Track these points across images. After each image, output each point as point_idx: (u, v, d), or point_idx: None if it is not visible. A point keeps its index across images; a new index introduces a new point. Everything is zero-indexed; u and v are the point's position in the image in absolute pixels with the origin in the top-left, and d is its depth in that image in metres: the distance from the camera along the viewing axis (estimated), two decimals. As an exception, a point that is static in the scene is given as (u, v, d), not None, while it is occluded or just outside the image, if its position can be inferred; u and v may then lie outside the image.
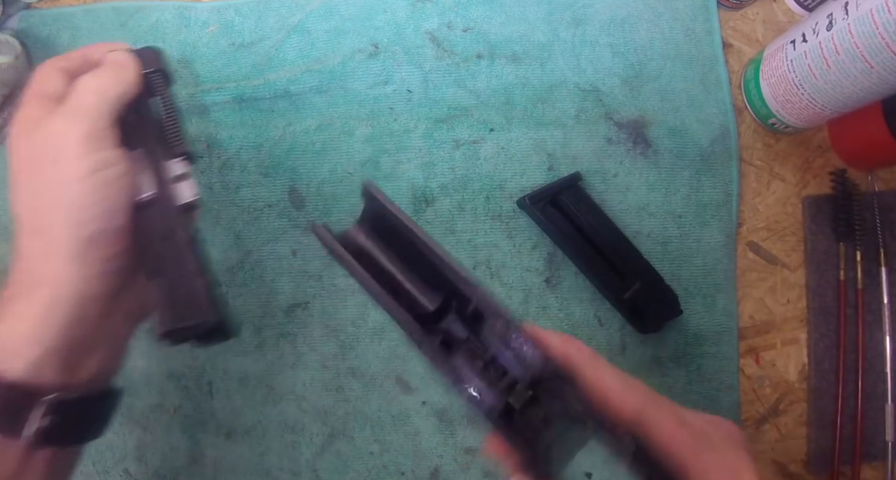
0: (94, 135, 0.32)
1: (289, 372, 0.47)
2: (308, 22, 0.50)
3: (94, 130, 0.32)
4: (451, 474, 0.46)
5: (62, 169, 0.31)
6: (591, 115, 0.49)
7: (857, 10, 0.36)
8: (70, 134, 0.31)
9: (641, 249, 0.47)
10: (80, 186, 0.31)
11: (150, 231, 0.34)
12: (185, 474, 0.46)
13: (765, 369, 0.48)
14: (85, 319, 0.31)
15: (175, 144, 0.36)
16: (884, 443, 0.46)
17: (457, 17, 0.50)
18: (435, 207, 0.48)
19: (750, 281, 0.48)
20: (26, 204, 0.32)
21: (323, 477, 0.46)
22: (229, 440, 0.46)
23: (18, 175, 0.32)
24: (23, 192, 0.32)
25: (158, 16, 0.50)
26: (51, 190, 0.31)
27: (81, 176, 0.31)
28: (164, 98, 0.38)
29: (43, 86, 0.34)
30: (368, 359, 0.47)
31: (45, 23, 0.51)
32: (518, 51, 0.50)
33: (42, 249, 0.31)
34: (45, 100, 0.33)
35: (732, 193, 0.48)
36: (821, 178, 0.49)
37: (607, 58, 0.49)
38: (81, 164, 0.31)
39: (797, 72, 0.42)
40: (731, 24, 0.50)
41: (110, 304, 0.33)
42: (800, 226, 0.49)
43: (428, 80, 0.49)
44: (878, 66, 0.37)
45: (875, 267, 0.47)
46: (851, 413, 0.46)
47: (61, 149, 0.31)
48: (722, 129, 0.48)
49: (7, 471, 0.30)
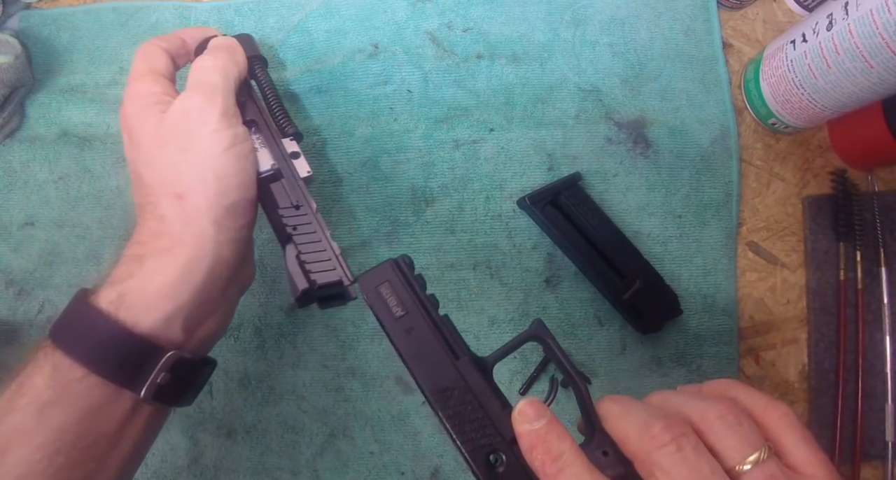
0: (228, 111, 0.35)
1: (289, 372, 0.47)
2: (308, 22, 0.50)
3: (228, 107, 0.35)
4: (451, 474, 0.46)
5: (204, 142, 0.33)
6: (591, 115, 0.49)
7: (857, 10, 0.36)
8: (209, 109, 0.34)
9: (641, 249, 0.46)
10: (222, 159, 0.33)
11: (280, 202, 0.37)
12: (185, 474, 0.46)
13: (765, 369, 0.48)
14: (215, 282, 0.33)
15: (285, 125, 0.40)
16: (884, 443, 0.46)
17: (457, 17, 0.50)
18: (435, 207, 0.48)
19: (750, 281, 0.48)
20: (162, 172, 0.34)
21: (323, 477, 0.46)
22: (229, 440, 0.46)
23: (151, 146, 0.34)
24: (158, 162, 0.34)
25: (158, 16, 0.50)
26: (193, 160, 0.33)
27: (222, 149, 0.33)
28: (263, 81, 0.41)
29: (152, 63, 0.37)
30: (368, 359, 0.47)
31: (45, 23, 0.51)
32: (518, 51, 0.50)
33: (181, 214, 0.33)
34: (159, 77, 0.36)
35: (732, 193, 0.48)
36: (821, 178, 0.49)
37: (607, 58, 0.49)
38: (222, 138, 0.34)
39: (797, 72, 0.42)
40: (731, 24, 0.50)
41: (234, 271, 0.35)
42: (800, 226, 0.49)
43: (428, 79, 0.49)
44: (878, 65, 0.37)
45: (875, 267, 0.47)
46: (851, 413, 0.46)
47: (202, 124, 0.34)
48: (722, 129, 0.48)
49: (114, 423, 0.31)
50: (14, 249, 0.48)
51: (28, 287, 0.48)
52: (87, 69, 0.50)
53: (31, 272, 0.48)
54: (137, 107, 0.35)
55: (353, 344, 0.47)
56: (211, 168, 0.33)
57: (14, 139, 0.50)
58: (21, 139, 0.50)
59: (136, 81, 0.36)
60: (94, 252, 0.48)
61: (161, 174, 0.34)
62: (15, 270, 0.48)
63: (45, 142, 0.49)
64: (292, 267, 0.36)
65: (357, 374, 0.47)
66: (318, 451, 0.46)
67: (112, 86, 0.50)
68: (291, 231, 0.37)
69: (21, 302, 0.48)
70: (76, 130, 0.49)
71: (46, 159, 0.49)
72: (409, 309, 0.29)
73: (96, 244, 0.48)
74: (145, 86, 0.35)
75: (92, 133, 0.49)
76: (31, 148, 0.49)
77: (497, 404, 0.28)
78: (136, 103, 0.35)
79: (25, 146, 0.49)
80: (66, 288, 0.48)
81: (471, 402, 0.28)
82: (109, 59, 0.50)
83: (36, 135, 0.50)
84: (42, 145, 0.49)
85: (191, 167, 0.33)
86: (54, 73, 0.50)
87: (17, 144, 0.50)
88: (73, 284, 0.48)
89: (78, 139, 0.49)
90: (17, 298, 0.48)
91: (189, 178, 0.33)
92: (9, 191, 0.49)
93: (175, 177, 0.33)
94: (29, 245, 0.48)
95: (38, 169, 0.49)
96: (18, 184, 0.49)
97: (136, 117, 0.35)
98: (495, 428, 0.28)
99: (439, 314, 0.30)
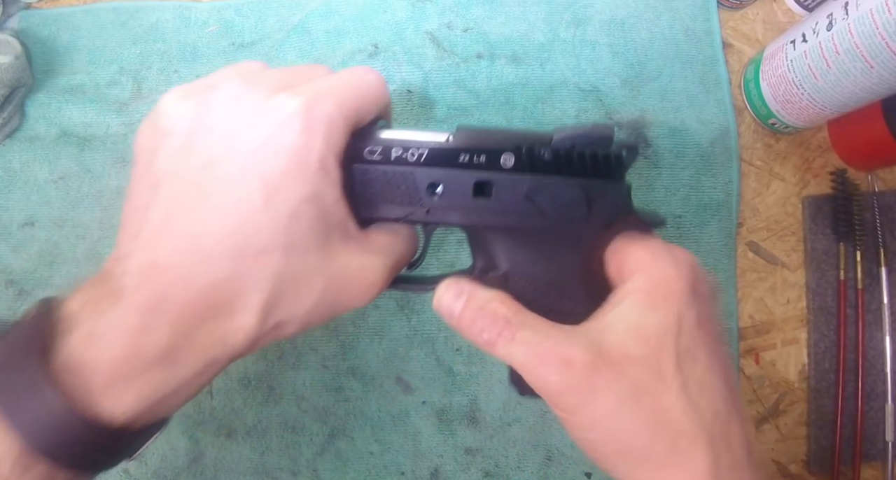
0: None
1: (289, 372, 0.47)
2: (308, 22, 0.50)
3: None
4: (451, 474, 0.46)
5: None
6: (591, 115, 0.49)
7: (857, 10, 0.36)
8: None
9: (641, 249, 0.46)
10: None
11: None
12: (185, 474, 0.46)
13: (765, 369, 0.48)
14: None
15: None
16: (884, 443, 0.46)
17: (457, 17, 0.50)
18: (435, 207, 0.48)
19: (750, 281, 0.48)
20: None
21: (323, 477, 0.46)
22: (229, 440, 0.46)
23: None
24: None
25: (158, 16, 0.50)
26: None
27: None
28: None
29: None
30: (368, 359, 0.47)
31: (45, 23, 0.51)
32: (518, 51, 0.50)
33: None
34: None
35: (732, 193, 0.48)
36: (821, 178, 0.49)
37: (607, 58, 0.49)
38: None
39: (797, 72, 0.42)
40: (731, 24, 0.50)
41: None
42: (800, 226, 0.49)
43: (428, 80, 0.49)
44: (878, 65, 0.37)
45: (875, 268, 0.47)
46: (851, 413, 0.46)
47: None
48: (722, 129, 0.48)
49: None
50: (14, 249, 0.48)
51: (28, 287, 0.48)
52: (87, 69, 0.50)
53: (31, 272, 0.48)
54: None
55: (353, 344, 0.47)
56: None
57: (14, 139, 0.50)
58: (21, 139, 0.50)
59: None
60: (94, 252, 0.48)
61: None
62: (15, 270, 0.48)
63: (45, 142, 0.49)
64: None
65: (357, 374, 0.47)
66: (318, 451, 0.46)
67: (112, 86, 0.50)
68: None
69: (21, 302, 0.48)
70: (76, 130, 0.49)
71: (46, 159, 0.49)
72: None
73: (96, 244, 0.48)
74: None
75: (92, 133, 0.49)
76: (31, 148, 0.49)
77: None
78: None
79: (25, 146, 0.49)
80: (66, 289, 0.48)
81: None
82: (109, 59, 0.50)
83: (36, 135, 0.50)
84: (42, 145, 0.49)
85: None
86: (54, 73, 0.50)
87: (17, 144, 0.49)
88: (73, 284, 0.48)
89: (78, 139, 0.49)
90: (17, 298, 0.48)
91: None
92: (9, 191, 0.49)
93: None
94: (29, 245, 0.48)
95: (38, 169, 0.49)
96: (18, 184, 0.49)
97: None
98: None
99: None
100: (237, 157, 0.24)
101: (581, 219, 0.29)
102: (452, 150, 0.28)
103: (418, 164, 0.28)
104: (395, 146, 0.28)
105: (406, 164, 0.28)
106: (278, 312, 0.25)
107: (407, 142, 0.28)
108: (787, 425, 0.47)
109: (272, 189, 0.24)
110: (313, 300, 0.26)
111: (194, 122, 0.25)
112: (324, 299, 0.26)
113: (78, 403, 0.23)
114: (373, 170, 0.28)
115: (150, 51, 0.50)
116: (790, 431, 0.47)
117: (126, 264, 0.25)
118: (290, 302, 0.25)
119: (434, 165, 0.28)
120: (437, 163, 0.28)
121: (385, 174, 0.28)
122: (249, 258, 0.24)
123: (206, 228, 0.24)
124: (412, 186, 0.28)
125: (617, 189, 0.30)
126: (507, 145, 0.28)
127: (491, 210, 0.28)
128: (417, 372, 0.47)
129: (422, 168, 0.28)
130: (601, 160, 0.29)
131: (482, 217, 0.29)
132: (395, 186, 0.28)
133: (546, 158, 0.28)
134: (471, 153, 0.28)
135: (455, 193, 0.28)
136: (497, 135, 0.29)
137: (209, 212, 0.24)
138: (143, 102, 0.49)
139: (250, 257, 0.24)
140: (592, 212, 0.29)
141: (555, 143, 0.28)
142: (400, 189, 0.28)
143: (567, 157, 0.28)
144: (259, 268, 0.24)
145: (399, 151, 0.28)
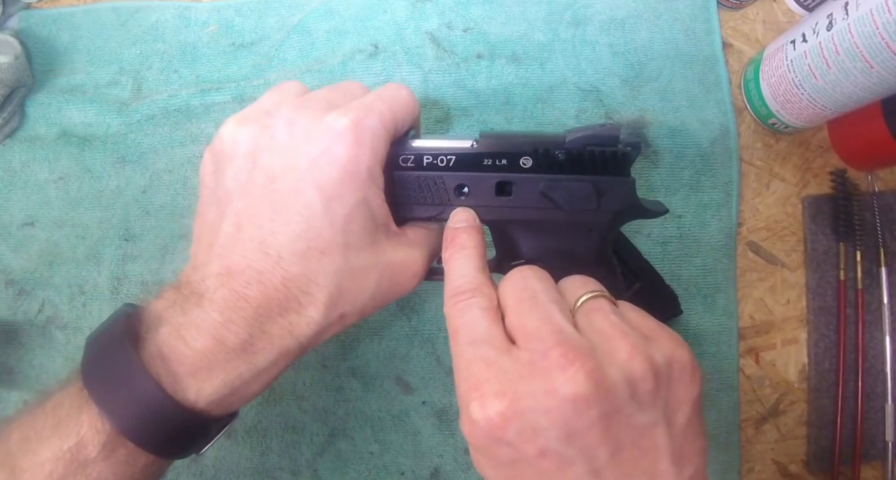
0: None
1: (289, 372, 0.46)
2: (308, 22, 0.50)
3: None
4: (451, 474, 0.46)
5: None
6: (591, 115, 0.49)
7: (857, 10, 0.36)
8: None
9: (641, 249, 0.46)
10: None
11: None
12: (185, 474, 0.46)
13: (765, 369, 0.48)
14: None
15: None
16: (884, 443, 0.46)
17: (457, 17, 0.50)
18: (435, 207, 0.48)
19: (750, 281, 0.48)
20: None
21: (323, 477, 0.46)
22: (229, 440, 0.46)
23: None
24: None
25: (158, 16, 0.50)
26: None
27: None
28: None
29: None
30: (368, 359, 0.47)
31: (45, 23, 0.51)
32: (518, 51, 0.50)
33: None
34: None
35: (732, 193, 0.48)
36: (821, 178, 0.49)
37: (607, 58, 0.49)
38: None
39: (797, 72, 0.42)
40: (731, 24, 0.50)
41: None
42: (800, 226, 0.49)
43: (428, 80, 0.49)
44: (878, 65, 0.37)
45: (875, 268, 0.47)
46: (851, 413, 0.46)
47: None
48: (722, 129, 0.48)
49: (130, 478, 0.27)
50: (14, 249, 0.48)
51: (28, 287, 0.48)
52: (87, 69, 0.50)
53: (31, 272, 0.48)
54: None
55: (353, 344, 0.47)
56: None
57: (14, 139, 0.50)
58: (21, 139, 0.50)
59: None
60: (94, 252, 0.48)
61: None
62: (15, 270, 0.48)
63: (45, 142, 0.49)
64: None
65: (357, 374, 0.47)
66: (318, 451, 0.46)
67: (112, 86, 0.50)
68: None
69: (21, 302, 0.48)
70: (76, 130, 0.49)
71: (46, 159, 0.49)
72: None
73: (96, 244, 0.48)
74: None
75: (92, 133, 0.49)
76: (31, 148, 0.49)
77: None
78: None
79: (25, 146, 0.49)
80: (66, 289, 0.48)
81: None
82: (109, 59, 0.50)
83: (36, 135, 0.50)
84: (42, 145, 0.49)
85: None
86: (54, 73, 0.50)
87: (17, 144, 0.50)
88: (73, 284, 0.48)
89: (78, 139, 0.49)
90: (17, 298, 0.48)
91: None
92: (9, 191, 0.49)
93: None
94: (29, 245, 0.48)
95: (38, 169, 0.49)
96: (18, 184, 0.49)
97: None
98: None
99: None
100: (297, 172, 0.28)
101: (592, 210, 0.32)
102: (477, 155, 0.32)
103: (447, 169, 0.32)
104: (426, 154, 0.32)
105: (437, 170, 0.32)
106: (341, 304, 0.29)
107: (437, 150, 0.32)
108: (786, 425, 0.47)
109: (329, 196, 0.27)
110: (370, 291, 0.30)
111: (255, 144, 0.29)
112: (379, 289, 0.30)
113: (167, 387, 0.26)
114: (408, 175, 0.32)
115: (150, 51, 0.50)
116: (790, 431, 0.47)
117: (204, 271, 0.28)
118: (350, 295, 0.29)
119: (461, 170, 0.32)
120: (463, 167, 0.32)
121: (419, 179, 0.32)
122: (314, 258, 0.28)
123: (275, 235, 0.27)
124: (442, 189, 0.32)
125: (624, 182, 0.32)
126: (525, 149, 0.32)
127: (512, 206, 0.32)
128: (417, 372, 0.47)
129: (450, 172, 0.32)
130: (609, 157, 0.32)
131: (504, 213, 0.32)
132: (427, 189, 0.32)
133: (560, 158, 0.32)
134: (493, 157, 0.32)
135: (479, 193, 0.32)
136: (516, 139, 0.32)
137: (276, 221, 0.27)
138: (143, 102, 0.49)
139: (314, 257, 0.28)
140: (602, 204, 0.32)
141: (567, 144, 0.32)
142: (431, 191, 0.32)
143: (579, 156, 0.32)
144: (323, 267, 0.28)
145: (430, 158, 0.32)
